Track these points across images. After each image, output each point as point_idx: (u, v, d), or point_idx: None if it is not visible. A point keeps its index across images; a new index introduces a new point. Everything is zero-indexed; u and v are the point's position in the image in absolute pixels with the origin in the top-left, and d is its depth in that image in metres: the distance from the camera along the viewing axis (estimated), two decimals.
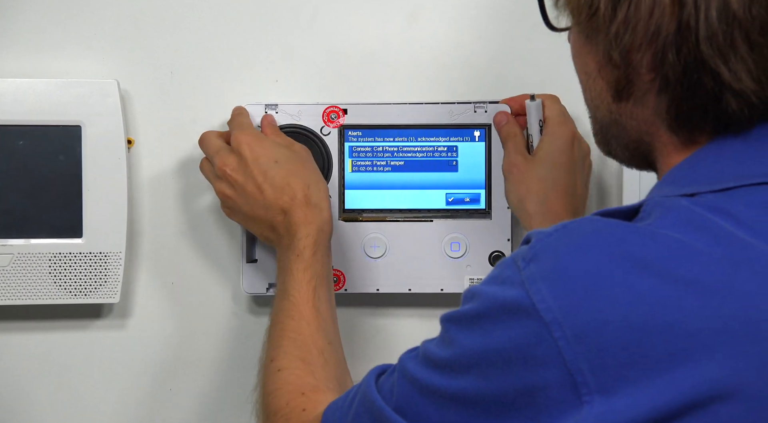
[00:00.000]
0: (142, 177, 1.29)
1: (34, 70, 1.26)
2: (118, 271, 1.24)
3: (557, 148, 1.19)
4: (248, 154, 1.16)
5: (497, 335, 0.80)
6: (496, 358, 0.80)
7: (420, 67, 1.30)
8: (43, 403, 1.30)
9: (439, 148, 1.25)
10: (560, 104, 1.23)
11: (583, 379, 0.77)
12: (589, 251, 0.79)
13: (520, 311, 0.79)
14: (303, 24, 1.29)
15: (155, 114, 1.28)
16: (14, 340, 1.29)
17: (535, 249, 0.81)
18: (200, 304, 1.30)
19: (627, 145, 0.91)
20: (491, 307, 0.81)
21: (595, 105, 0.92)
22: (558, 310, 0.78)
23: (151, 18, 1.28)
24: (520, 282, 0.80)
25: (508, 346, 0.80)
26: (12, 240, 1.23)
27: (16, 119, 1.22)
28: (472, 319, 0.83)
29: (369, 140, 1.25)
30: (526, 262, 0.80)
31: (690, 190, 0.84)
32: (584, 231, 0.81)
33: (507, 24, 1.30)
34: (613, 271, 0.78)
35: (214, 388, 1.31)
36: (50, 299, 1.24)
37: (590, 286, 0.78)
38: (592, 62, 0.89)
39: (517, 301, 0.79)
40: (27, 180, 1.23)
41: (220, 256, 1.30)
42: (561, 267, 0.79)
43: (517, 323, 0.79)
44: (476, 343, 0.82)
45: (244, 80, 1.29)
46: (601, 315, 0.77)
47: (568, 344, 0.77)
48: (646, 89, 0.86)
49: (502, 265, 0.83)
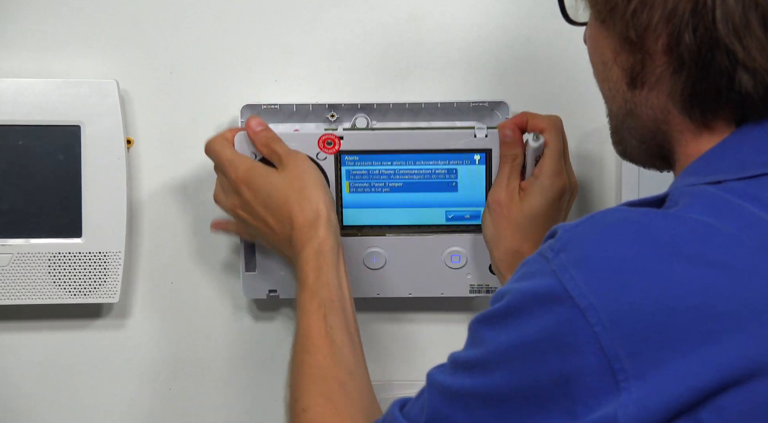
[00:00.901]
0: (142, 177, 1.29)
1: (34, 70, 1.26)
2: (117, 271, 1.24)
3: (545, 202, 1.16)
4: (246, 193, 1.15)
5: (530, 326, 0.79)
6: (529, 350, 0.79)
7: (420, 66, 1.30)
8: (42, 403, 1.30)
9: (438, 171, 1.24)
10: (560, 145, 1.19)
11: (620, 366, 0.76)
12: (618, 238, 0.79)
13: (553, 299, 0.78)
14: (303, 24, 1.29)
15: (155, 114, 1.28)
16: (14, 340, 1.29)
17: (563, 240, 0.80)
18: (200, 304, 1.31)
19: (642, 137, 0.91)
20: (522, 300, 0.80)
21: (611, 96, 0.92)
22: (593, 296, 0.77)
23: (151, 18, 1.28)
24: (550, 271, 0.79)
25: (542, 336, 0.79)
26: (12, 240, 1.23)
27: (16, 119, 1.22)
28: (503, 316, 0.82)
29: (366, 164, 1.23)
30: (555, 252, 0.80)
31: (716, 178, 0.84)
32: (612, 219, 0.81)
33: (507, 24, 1.30)
34: (645, 256, 0.78)
35: (213, 388, 1.31)
36: (50, 299, 1.24)
37: (623, 271, 0.78)
38: (608, 50, 0.90)
39: (549, 290, 0.79)
40: (27, 180, 1.23)
41: (220, 256, 1.30)
42: (592, 254, 0.79)
43: (550, 312, 0.78)
44: (508, 337, 0.81)
45: (244, 80, 1.29)
46: (635, 299, 0.77)
47: (605, 330, 0.76)
48: (660, 73, 0.86)
49: (529, 262, 0.83)
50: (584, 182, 1.32)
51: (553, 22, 1.30)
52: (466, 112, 1.28)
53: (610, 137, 0.96)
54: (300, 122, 1.28)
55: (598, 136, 1.31)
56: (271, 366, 1.31)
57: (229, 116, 1.28)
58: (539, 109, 1.30)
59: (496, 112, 1.28)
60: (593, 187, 1.32)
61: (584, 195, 1.32)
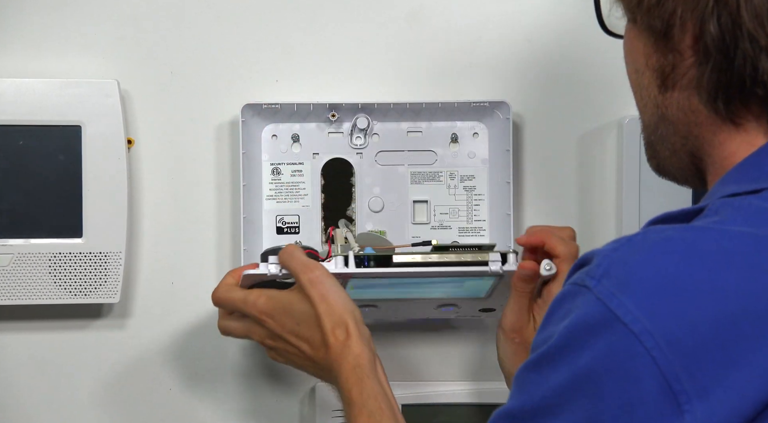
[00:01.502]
0: (142, 177, 1.29)
1: (34, 70, 1.26)
2: (118, 271, 1.24)
3: None
4: (273, 325, 1.11)
5: (584, 360, 0.76)
6: (588, 384, 0.76)
7: (421, 66, 1.30)
8: (42, 403, 1.30)
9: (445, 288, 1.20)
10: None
11: (681, 387, 0.74)
12: (664, 256, 0.77)
13: (604, 328, 0.76)
14: (303, 24, 1.29)
15: (155, 114, 1.28)
16: (14, 340, 1.29)
17: (603, 266, 0.78)
18: (200, 304, 1.30)
19: (674, 146, 0.90)
20: (571, 336, 0.77)
21: (644, 105, 0.91)
22: (646, 319, 0.75)
23: (151, 18, 1.28)
24: (595, 300, 0.76)
25: (599, 368, 0.76)
26: (12, 240, 1.23)
27: (16, 119, 1.22)
28: (553, 356, 0.78)
29: (372, 289, 1.18)
30: (596, 280, 0.77)
31: (754, 187, 0.83)
32: (655, 239, 0.79)
33: (507, 24, 1.30)
34: (695, 272, 0.76)
35: (213, 389, 1.31)
36: (50, 299, 1.23)
37: (674, 290, 0.76)
38: (641, 55, 0.89)
39: (598, 318, 0.76)
40: (27, 180, 1.23)
41: (220, 256, 1.30)
42: (639, 276, 0.76)
43: (602, 341, 0.76)
44: (564, 376, 0.77)
45: (244, 80, 1.29)
46: (690, 317, 0.75)
47: (662, 352, 0.74)
48: (688, 70, 0.85)
49: (563, 300, 0.79)
50: (584, 183, 1.32)
51: (554, 22, 1.30)
52: (467, 112, 1.28)
53: (645, 153, 0.94)
54: (301, 122, 1.28)
55: (598, 136, 1.31)
56: (270, 366, 1.31)
57: (229, 116, 1.28)
58: (539, 110, 1.31)
59: (496, 112, 1.28)
60: (593, 187, 1.32)
61: (584, 195, 1.32)
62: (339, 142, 1.29)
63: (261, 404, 1.32)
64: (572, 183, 1.32)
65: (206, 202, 1.29)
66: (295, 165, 1.29)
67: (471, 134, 1.30)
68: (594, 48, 1.30)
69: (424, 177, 1.30)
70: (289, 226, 1.29)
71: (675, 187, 1.26)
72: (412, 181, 1.30)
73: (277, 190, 1.29)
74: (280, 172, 1.29)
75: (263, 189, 1.29)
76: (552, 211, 1.32)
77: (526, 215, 1.32)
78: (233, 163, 1.29)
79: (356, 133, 1.29)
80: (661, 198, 1.27)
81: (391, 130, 1.29)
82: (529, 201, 1.32)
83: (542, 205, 1.32)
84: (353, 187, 1.30)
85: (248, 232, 1.26)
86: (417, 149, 1.30)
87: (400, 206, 1.30)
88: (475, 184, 1.31)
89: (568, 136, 1.32)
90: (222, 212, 1.29)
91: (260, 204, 1.28)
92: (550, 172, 1.32)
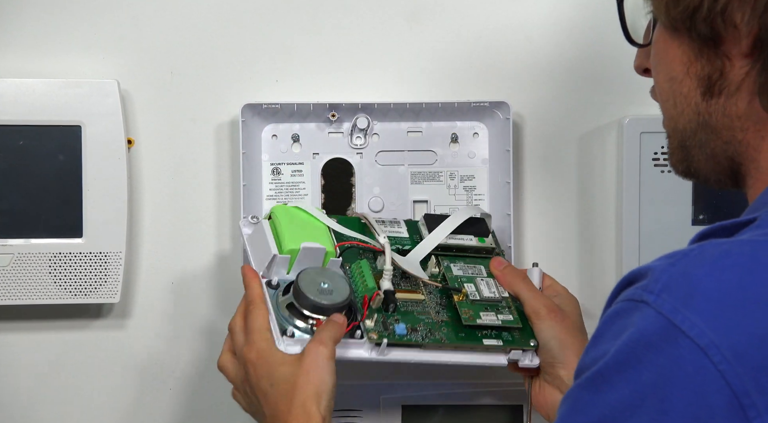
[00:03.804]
0: (142, 177, 1.29)
1: (34, 70, 1.26)
2: (118, 271, 1.24)
3: (577, 310, 1.17)
4: (251, 373, 1.09)
5: (646, 376, 0.74)
6: (651, 400, 0.74)
7: (420, 67, 1.30)
8: (42, 403, 1.30)
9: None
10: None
11: (749, 401, 0.72)
12: (725, 270, 0.76)
13: (667, 342, 0.74)
14: (303, 24, 1.29)
15: (155, 114, 1.28)
16: (14, 340, 1.29)
17: (662, 281, 0.76)
18: (200, 304, 1.31)
19: (713, 151, 0.88)
20: (631, 352, 0.75)
21: (679, 111, 0.89)
22: (712, 333, 0.73)
23: (151, 18, 1.28)
24: (655, 314, 0.74)
25: (663, 383, 0.74)
26: (12, 240, 1.23)
27: (16, 119, 1.22)
28: (609, 374, 0.76)
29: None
30: (655, 294, 0.75)
31: None
32: (712, 254, 0.77)
33: (507, 24, 1.30)
34: (758, 285, 0.75)
35: (213, 389, 1.31)
36: (50, 299, 1.24)
37: (739, 303, 0.74)
38: (678, 63, 0.87)
39: (660, 333, 0.74)
40: (28, 180, 1.23)
41: (220, 256, 1.30)
42: (702, 290, 0.75)
43: (666, 356, 0.74)
44: (622, 393, 0.75)
45: (244, 80, 1.29)
46: (757, 330, 0.73)
47: (730, 366, 0.72)
48: (742, 77, 0.84)
49: (615, 317, 0.78)
50: (584, 183, 1.32)
51: (554, 22, 1.30)
52: (467, 112, 1.29)
53: (670, 156, 0.92)
54: (300, 122, 1.28)
55: (598, 136, 1.31)
56: None
57: (229, 116, 1.28)
58: (539, 110, 1.31)
59: (496, 112, 1.28)
60: (593, 187, 1.32)
61: (584, 195, 1.32)
62: (339, 142, 1.29)
63: None
64: (572, 183, 1.32)
65: (206, 202, 1.29)
66: (295, 165, 1.29)
67: (471, 134, 1.30)
68: (594, 48, 1.30)
69: (424, 177, 1.30)
70: None
71: (675, 188, 1.27)
72: (412, 181, 1.30)
73: (277, 190, 1.29)
74: (280, 172, 1.29)
75: (263, 189, 1.29)
76: (552, 211, 1.32)
77: (526, 215, 1.32)
78: (233, 163, 1.29)
79: (356, 133, 1.29)
80: (661, 198, 1.27)
81: (391, 130, 1.29)
82: (529, 201, 1.32)
83: (542, 205, 1.32)
84: (353, 187, 1.30)
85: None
86: (417, 149, 1.30)
87: (400, 206, 1.30)
88: (475, 184, 1.31)
89: (568, 136, 1.32)
90: (222, 212, 1.29)
91: (260, 204, 1.28)
92: (550, 172, 1.32)
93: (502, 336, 1.15)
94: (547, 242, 1.32)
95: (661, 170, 1.26)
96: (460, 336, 1.14)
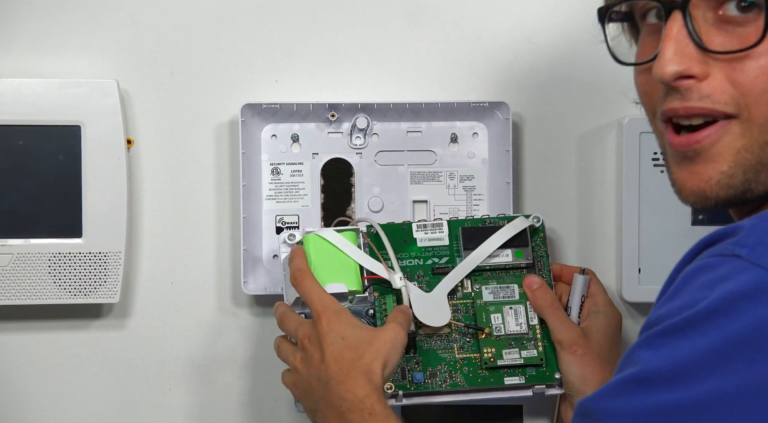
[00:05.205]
0: (141, 177, 1.29)
1: (34, 70, 1.26)
2: (117, 271, 1.24)
3: (612, 330, 1.17)
4: (324, 323, 1.08)
5: (741, 324, 0.72)
6: (747, 348, 0.72)
7: (420, 67, 1.30)
8: (42, 403, 1.30)
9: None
10: (601, 285, 1.21)
11: None
12: None
13: (766, 293, 0.72)
14: (303, 24, 1.29)
15: (155, 114, 1.28)
16: (14, 340, 1.29)
17: (755, 235, 0.75)
18: (200, 304, 1.30)
19: None
20: (727, 301, 0.73)
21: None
22: None
23: (151, 18, 1.28)
24: (753, 266, 0.73)
25: (761, 332, 0.72)
26: (12, 240, 1.23)
27: (16, 119, 1.22)
28: (699, 322, 0.74)
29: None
30: (750, 248, 0.74)
31: None
32: None
33: (507, 24, 1.30)
34: None
35: (213, 388, 1.31)
36: (50, 299, 1.24)
37: None
38: None
39: (758, 284, 0.73)
40: (27, 180, 1.23)
41: (220, 256, 1.30)
42: None
43: (765, 306, 0.72)
44: (713, 340, 0.73)
45: (244, 80, 1.29)
46: None
47: None
48: None
49: (698, 271, 0.77)
50: (584, 183, 1.32)
51: (554, 22, 1.30)
52: (466, 112, 1.28)
53: (720, 180, 0.85)
54: (300, 122, 1.28)
55: (598, 136, 1.31)
56: (271, 366, 1.30)
57: (229, 116, 1.28)
58: (539, 110, 1.31)
59: (496, 112, 1.28)
60: (593, 187, 1.32)
61: (584, 195, 1.32)
62: (339, 142, 1.29)
63: (262, 404, 1.32)
64: (572, 183, 1.32)
65: (206, 202, 1.29)
66: (294, 165, 1.29)
67: (471, 134, 1.30)
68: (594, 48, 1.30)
69: (423, 177, 1.30)
70: (289, 226, 1.29)
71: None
72: (411, 181, 1.30)
73: (277, 190, 1.29)
74: (279, 172, 1.29)
75: (263, 189, 1.29)
76: (552, 211, 1.32)
77: None
78: (233, 163, 1.29)
79: (356, 133, 1.29)
80: (660, 198, 1.27)
81: (391, 130, 1.29)
82: (529, 201, 1.32)
83: (542, 205, 1.32)
84: (353, 187, 1.30)
85: (248, 232, 1.26)
86: (417, 149, 1.30)
87: (400, 206, 1.30)
88: (474, 184, 1.31)
89: (568, 136, 1.32)
90: (222, 212, 1.29)
91: (260, 204, 1.28)
92: (550, 172, 1.32)
93: (526, 372, 1.16)
94: (547, 242, 1.32)
95: (660, 170, 1.25)
96: (480, 377, 1.16)
